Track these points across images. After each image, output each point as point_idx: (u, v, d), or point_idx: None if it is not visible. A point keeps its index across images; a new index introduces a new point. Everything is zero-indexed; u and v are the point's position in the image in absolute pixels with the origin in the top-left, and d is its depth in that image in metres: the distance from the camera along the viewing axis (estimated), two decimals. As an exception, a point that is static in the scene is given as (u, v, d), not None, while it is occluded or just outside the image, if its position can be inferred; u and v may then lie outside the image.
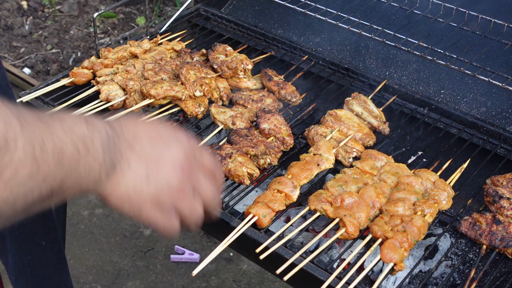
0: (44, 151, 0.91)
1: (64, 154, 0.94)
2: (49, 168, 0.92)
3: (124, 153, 1.07)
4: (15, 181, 0.87)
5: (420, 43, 2.32)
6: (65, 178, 0.95)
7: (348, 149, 2.06)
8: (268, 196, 1.82)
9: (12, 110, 0.90)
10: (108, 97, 2.27)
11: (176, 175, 1.12)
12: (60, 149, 0.94)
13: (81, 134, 0.98)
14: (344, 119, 2.16)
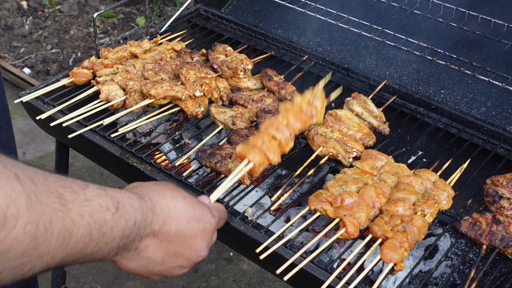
0: (49, 231, 0.90)
1: (72, 237, 0.95)
2: (49, 247, 0.92)
3: (145, 239, 1.10)
4: (5, 256, 0.85)
5: (420, 43, 2.32)
6: (66, 257, 0.96)
7: (348, 149, 2.06)
8: (265, 143, 1.66)
9: (26, 184, 0.88)
10: (108, 97, 2.27)
11: (191, 264, 1.21)
12: (68, 231, 0.94)
13: (101, 221, 0.99)
14: (344, 119, 2.16)
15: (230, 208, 1.88)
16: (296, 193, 2.18)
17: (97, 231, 0.98)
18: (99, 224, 0.99)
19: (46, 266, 0.94)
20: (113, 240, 1.02)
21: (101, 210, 1.00)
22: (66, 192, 0.96)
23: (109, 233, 1.01)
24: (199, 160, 2.00)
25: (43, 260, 0.92)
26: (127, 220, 1.04)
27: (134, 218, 1.06)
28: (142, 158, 2.07)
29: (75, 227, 0.95)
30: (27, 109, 2.39)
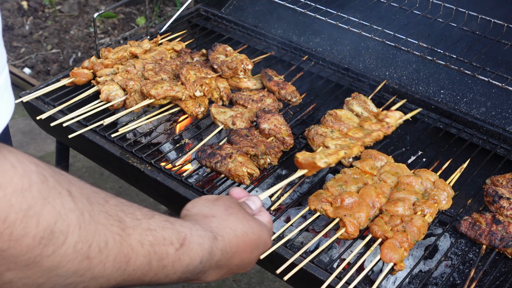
0: (104, 253, 0.88)
1: (130, 264, 0.92)
2: (104, 270, 0.89)
3: (209, 271, 1.09)
4: (54, 272, 0.83)
5: (420, 43, 2.32)
6: (122, 282, 0.93)
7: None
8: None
9: (80, 202, 0.86)
10: (108, 97, 2.28)
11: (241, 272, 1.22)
12: (126, 257, 0.91)
13: (163, 254, 0.96)
14: (344, 119, 2.16)
15: (230, 208, 1.87)
16: (296, 193, 2.18)
17: (157, 263, 0.96)
18: (159, 256, 0.96)
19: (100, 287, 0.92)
20: (174, 274, 1.00)
21: (164, 243, 0.97)
22: (127, 218, 0.93)
23: (170, 267, 0.98)
24: (199, 160, 2.00)
25: (97, 282, 0.90)
26: (192, 258, 1.02)
27: (200, 257, 1.03)
28: (142, 158, 2.07)
29: (134, 254, 0.92)
30: (28, 109, 2.39)
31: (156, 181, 2.00)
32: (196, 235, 1.03)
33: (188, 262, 1.01)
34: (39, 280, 0.83)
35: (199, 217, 1.12)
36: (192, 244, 1.02)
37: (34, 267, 0.82)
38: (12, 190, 0.79)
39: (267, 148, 2.01)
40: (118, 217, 0.92)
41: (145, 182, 2.11)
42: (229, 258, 1.11)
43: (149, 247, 0.94)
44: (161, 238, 0.96)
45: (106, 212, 0.90)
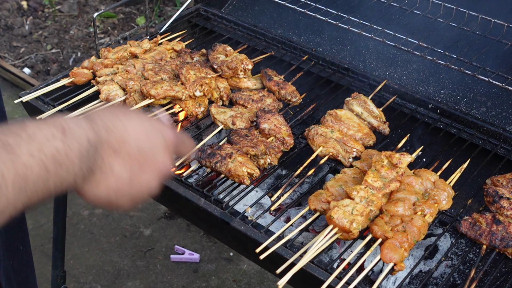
0: (3, 185, 0.88)
1: (28, 180, 0.92)
2: (7, 200, 0.89)
3: (107, 158, 1.06)
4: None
5: (420, 43, 2.31)
6: (28, 201, 0.93)
7: (348, 149, 2.06)
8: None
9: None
10: (108, 97, 2.27)
11: (157, 178, 1.15)
12: (23, 177, 0.91)
13: (53, 152, 0.95)
14: (344, 119, 2.16)
15: (230, 208, 1.88)
16: (296, 193, 2.18)
17: (52, 164, 0.94)
18: (52, 157, 0.95)
19: (10, 218, 0.92)
20: (74, 166, 0.98)
21: (48, 140, 0.95)
22: (10, 138, 0.92)
23: (66, 160, 0.97)
24: (199, 160, 2.00)
25: (5, 215, 0.90)
26: (79, 141, 0.99)
27: (86, 137, 1.01)
28: (142, 158, 2.07)
29: (29, 170, 0.91)
30: (27, 109, 2.39)
31: (156, 181, 2.00)
32: (71, 122, 1.02)
33: (79, 147, 0.99)
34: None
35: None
36: (72, 129, 1.00)
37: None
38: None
39: (267, 148, 2.01)
40: (2, 142, 0.91)
41: (145, 182, 2.11)
42: (121, 140, 1.08)
43: (39, 153, 0.93)
44: (44, 139, 0.95)
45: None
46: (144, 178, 1.12)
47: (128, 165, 1.09)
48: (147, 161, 1.12)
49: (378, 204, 1.78)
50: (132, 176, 1.10)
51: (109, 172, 1.06)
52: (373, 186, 1.81)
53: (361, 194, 1.77)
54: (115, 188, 1.08)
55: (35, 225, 3.86)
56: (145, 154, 1.11)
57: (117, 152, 1.07)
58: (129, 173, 1.09)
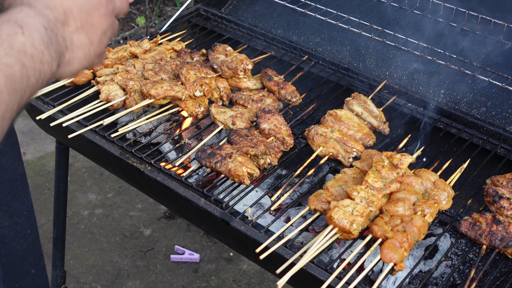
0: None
1: (15, 79, 0.95)
2: (5, 104, 0.94)
3: (65, 35, 1.09)
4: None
5: (420, 43, 2.31)
6: (21, 100, 0.98)
7: (348, 149, 2.06)
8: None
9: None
10: (108, 97, 2.27)
11: (109, 27, 1.19)
12: (10, 77, 0.95)
13: (21, 46, 0.98)
14: (344, 119, 2.16)
15: (230, 208, 1.88)
16: (296, 193, 2.18)
17: (26, 58, 0.98)
18: (24, 51, 0.98)
19: (10, 122, 0.97)
20: (43, 54, 1.02)
21: (13, 38, 0.98)
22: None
23: (35, 51, 1.00)
24: (199, 160, 2.00)
25: (6, 120, 0.95)
26: (38, 30, 1.02)
27: (41, 24, 1.03)
28: (142, 158, 2.07)
29: (12, 70, 0.95)
30: (27, 109, 2.39)
31: (156, 181, 2.00)
32: (19, 14, 1.04)
33: (39, 35, 1.02)
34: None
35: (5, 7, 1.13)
36: (26, 21, 1.02)
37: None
38: None
39: (267, 148, 2.01)
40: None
41: (145, 182, 2.11)
42: (63, 10, 1.10)
43: (12, 50, 0.96)
44: (8, 37, 0.98)
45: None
46: (99, 32, 1.16)
47: (82, 30, 1.13)
48: (93, 16, 1.15)
49: (378, 204, 1.78)
50: (91, 36, 1.15)
51: (74, 46, 1.11)
52: (374, 186, 1.81)
53: (361, 195, 1.77)
54: (85, 56, 1.14)
55: (35, 225, 3.86)
56: (89, 12, 1.15)
57: (67, 24, 1.10)
58: (87, 36, 1.14)
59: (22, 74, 0.97)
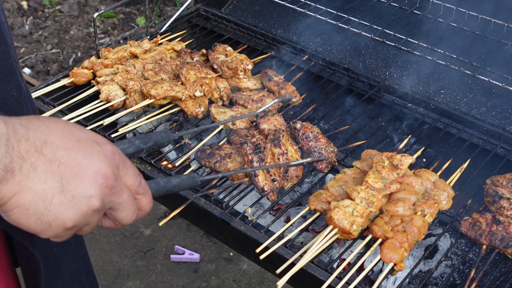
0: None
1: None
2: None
3: (28, 157, 0.86)
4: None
5: (420, 43, 2.32)
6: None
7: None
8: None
9: None
10: (108, 97, 2.27)
11: (99, 190, 0.92)
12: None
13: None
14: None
15: (230, 208, 1.88)
16: (296, 193, 2.18)
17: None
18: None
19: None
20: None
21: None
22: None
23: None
24: (198, 160, 2.00)
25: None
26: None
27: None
28: (142, 158, 2.07)
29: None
30: (27, 109, 2.38)
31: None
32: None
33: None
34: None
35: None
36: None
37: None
38: None
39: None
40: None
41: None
42: (45, 141, 0.89)
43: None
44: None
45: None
46: (81, 189, 0.90)
47: (58, 170, 0.89)
48: (80, 168, 0.91)
49: (378, 205, 1.78)
50: (64, 183, 0.89)
51: (33, 174, 0.87)
52: (374, 187, 1.81)
53: (361, 195, 1.77)
54: (43, 195, 0.87)
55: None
56: (78, 161, 0.91)
57: (40, 152, 0.88)
58: (59, 179, 0.89)
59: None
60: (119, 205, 0.97)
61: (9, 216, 0.88)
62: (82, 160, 0.91)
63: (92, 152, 0.93)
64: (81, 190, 0.90)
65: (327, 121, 2.41)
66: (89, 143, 0.94)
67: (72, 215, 0.90)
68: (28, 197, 0.87)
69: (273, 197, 1.89)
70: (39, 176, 0.87)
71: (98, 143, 0.96)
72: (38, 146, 0.88)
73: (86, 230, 0.96)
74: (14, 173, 0.85)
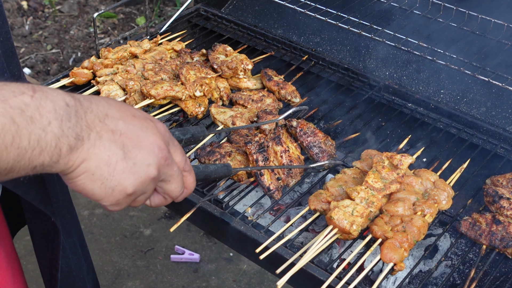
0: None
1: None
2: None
3: (94, 126, 0.93)
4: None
5: (420, 43, 2.31)
6: (6, 158, 0.84)
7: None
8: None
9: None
10: (108, 97, 2.27)
11: (156, 160, 1.00)
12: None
13: (20, 105, 0.86)
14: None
15: (230, 208, 1.88)
16: (296, 193, 2.18)
17: (20, 117, 0.84)
18: (19, 109, 0.85)
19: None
20: (49, 124, 0.87)
21: (15, 94, 0.86)
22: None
23: (38, 116, 0.86)
24: (198, 158, 2.00)
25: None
26: (53, 101, 0.89)
27: (63, 99, 0.90)
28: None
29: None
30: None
31: (156, 181, 2.00)
32: (47, 87, 0.93)
33: (53, 106, 0.88)
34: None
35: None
36: (45, 90, 0.90)
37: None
38: None
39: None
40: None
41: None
42: (105, 115, 0.95)
43: (2, 104, 0.84)
44: (9, 92, 0.86)
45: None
46: (140, 157, 0.97)
47: (120, 140, 0.96)
48: (139, 139, 0.98)
49: (378, 205, 1.78)
50: (126, 151, 0.96)
51: (99, 142, 0.93)
52: (374, 187, 1.81)
53: (361, 195, 1.77)
54: (108, 161, 0.94)
55: (35, 225, 3.86)
56: (137, 134, 0.98)
57: (104, 123, 0.95)
58: (122, 147, 0.96)
59: (6, 128, 0.83)
60: (170, 177, 1.05)
61: (75, 182, 0.94)
62: (140, 133, 0.99)
63: (147, 127, 1.01)
64: (141, 158, 0.97)
65: (327, 121, 2.41)
66: (143, 119, 1.02)
67: (133, 181, 0.97)
68: (94, 163, 0.93)
69: (278, 196, 1.89)
70: (104, 144, 0.94)
71: (152, 120, 1.04)
72: (101, 117, 0.95)
73: (141, 200, 1.04)
74: (83, 141, 0.92)
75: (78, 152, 0.91)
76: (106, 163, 0.94)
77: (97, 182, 0.95)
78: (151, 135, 1.00)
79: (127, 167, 0.96)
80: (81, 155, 0.92)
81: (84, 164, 0.92)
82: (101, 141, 0.94)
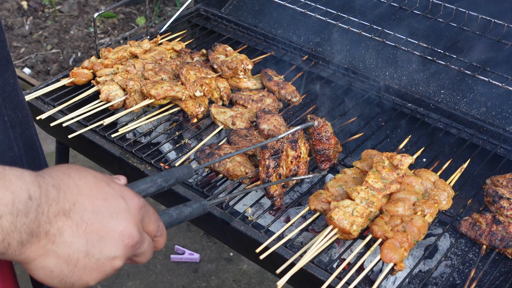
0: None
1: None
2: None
3: (56, 222, 0.89)
4: None
5: (420, 43, 2.31)
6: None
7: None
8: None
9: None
10: (108, 97, 2.27)
11: (123, 251, 0.97)
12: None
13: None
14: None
15: (230, 208, 1.88)
16: (296, 193, 2.18)
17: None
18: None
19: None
20: (1, 218, 0.82)
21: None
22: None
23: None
24: (198, 160, 2.00)
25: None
26: (14, 192, 0.84)
27: (27, 191, 0.85)
28: (142, 158, 2.07)
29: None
30: (27, 109, 2.38)
31: (156, 181, 2.00)
32: (13, 171, 0.87)
33: (12, 199, 0.84)
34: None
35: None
36: (9, 177, 0.85)
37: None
38: None
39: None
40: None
41: (145, 182, 2.11)
42: (74, 202, 0.91)
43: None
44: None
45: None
46: (105, 251, 0.94)
47: (84, 234, 0.92)
48: (106, 230, 0.94)
49: (378, 205, 1.78)
50: (89, 247, 0.92)
51: (59, 238, 0.89)
52: (374, 187, 1.81)
53: (361, 195, 1.77)
54: (68, 259, 0.90)
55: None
56: (104, 222, 0.94)
57: (68, 216, 0.90)
58: (85, 243, 0.92)
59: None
60: (140, 254, 1.02)
61: (33, 274, 0.91)
62: (109, 221, 0.95)
63: (118, 212, 0.96)
64: (106, 252, 0.94)
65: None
66: (116, 201, 0.97)
67: (96, 276, 0.95)
68: (52, 261, 0.90)
69: (280, 202, 1.89)
70: (65, 240, 0.90)
71: (125, 199, 0.99)
72: (67, 210, 0.91)
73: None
74: (39, 237, 0.88)
75: (33, 247, 0.88)
76: (65, 261, 0.91)
77: (56, 278, 0.92)
78: (122, 220, 0.96)
79: (89, 263, 0.93)
80: (37, 251, 0.88)
81: (41, 259, 0.89)
82: (62, 238, 0.90)
